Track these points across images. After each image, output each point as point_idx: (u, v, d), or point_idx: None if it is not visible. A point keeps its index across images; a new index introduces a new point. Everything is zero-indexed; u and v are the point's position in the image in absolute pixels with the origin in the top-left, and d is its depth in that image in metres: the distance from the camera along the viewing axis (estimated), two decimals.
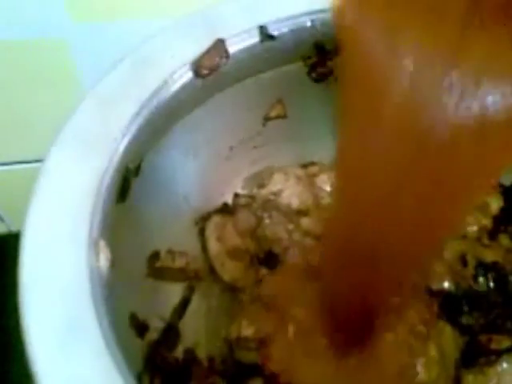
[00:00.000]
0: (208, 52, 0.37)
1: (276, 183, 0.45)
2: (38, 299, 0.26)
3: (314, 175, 0.46)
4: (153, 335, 0.37)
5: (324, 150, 0.48)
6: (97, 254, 0.28)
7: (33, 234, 0.28)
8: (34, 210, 0.29)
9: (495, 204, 0.46)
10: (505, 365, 0.36)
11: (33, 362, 0.24)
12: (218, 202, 0.45)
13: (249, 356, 0.37)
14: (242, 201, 0.45)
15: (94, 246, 0.28)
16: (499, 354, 0.37)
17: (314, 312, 0.37)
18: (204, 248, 0.43)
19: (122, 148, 0.33)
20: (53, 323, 0.25)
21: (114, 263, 0.31)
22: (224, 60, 0.38)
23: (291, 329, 0.37)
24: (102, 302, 0.27)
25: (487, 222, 0.45)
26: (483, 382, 0.37)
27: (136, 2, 0.48)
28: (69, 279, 0.27)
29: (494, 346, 0.37)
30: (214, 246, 0.42)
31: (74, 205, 0.29)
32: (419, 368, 0.36)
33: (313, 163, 0.48)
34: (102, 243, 0.29)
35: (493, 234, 0.44)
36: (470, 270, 0.43)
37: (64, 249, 0.28)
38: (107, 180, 0.31)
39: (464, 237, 0.44)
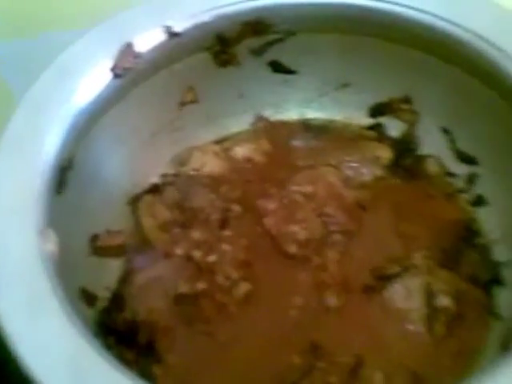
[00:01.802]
0: (121, 55, 0.43)
1: (196, 160, 0.51)
2: (2, 284, 0.32)
3: (228, 149, 0.53)
4: (102, 304, 0.44)
5: (235, 126, 0.55)
6: (45, 240, 0.34)
7: None
8: None
9: (386, 155, 0.53)
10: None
11: (6, 332, 0.30)
12: (147, 183, 0.51)
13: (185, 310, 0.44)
14: (168, 179, 0.51)
15: (42, 234, 0.34)
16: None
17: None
18: (138, 225, 0.49)
19: (54, 146, 0.39)
20: (18, 299, 0.31)
21: (61, 246, 0.37)
22: (136, 59, 0.44)
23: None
24: (56, 279, 0.33)
25: (380, 171, 0.52)
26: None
27: (56, 16, 0.52)
28: (25, 263, 0.33)
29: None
30: (146, 222, 0.48)
31: (19, 200, 0.35)
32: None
33: (226, 139, 0.55)
34: (49, 230, 0.35)
35: (385, 180, 0.52)
36: None
37: (17, 238, 0.34)
38: (45, 175, 0.37)
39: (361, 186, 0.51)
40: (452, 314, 0.44)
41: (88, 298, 0.41)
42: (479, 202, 0.51)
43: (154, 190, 0.51)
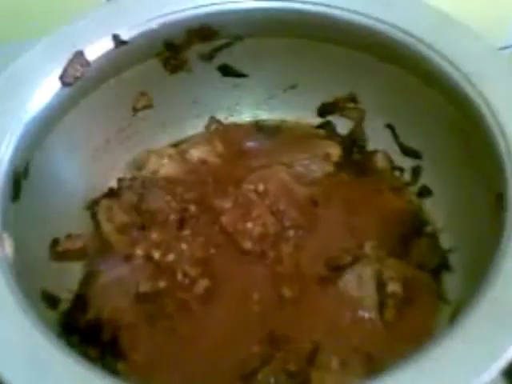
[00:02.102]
0: (70, 63, 0.44)
1: (152, 164, 0.53)
2: None
3: (184, 151, 0.54)
4: (65, 306, 0.44)
5: (190, 130, 0.57)
6: (1, 244, 0.35)
7: None
8: None
9: (336, 152, 0.56)
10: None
11: None
12: (105, 188, 0.52)
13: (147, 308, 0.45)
14: (125, 183, 0.53)
15: None
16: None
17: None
18: (97, 229, 0.50)
19: (7, 155, 0.40)
20: None
21: (18, 251, 0.38)
22: (85, 68, 0.45)
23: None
24: (13, 282, 0.34)
25: (330, 168, 0.54)
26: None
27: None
28: None
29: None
30: (105, 225, 0.49)
31: None
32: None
33: (182, 141, 0.56)
34: (5, 235, 0.36)
35: (335, 176, 0.54)
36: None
37: None
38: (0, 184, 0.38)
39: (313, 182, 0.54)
40: (401, 299, 0.46)
41: (50, 300, 0.42)
42: (424, 193, 0.53)
43: (112, 194, 0.52)
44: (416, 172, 0.54)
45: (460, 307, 0.44)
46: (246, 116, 0.59)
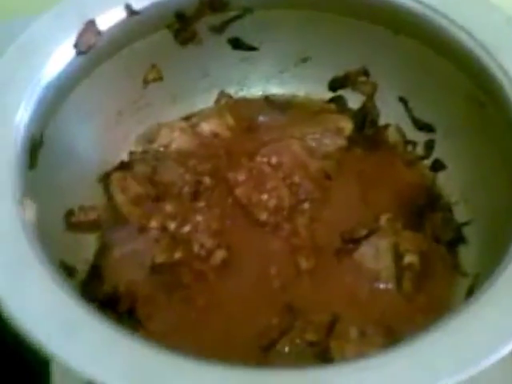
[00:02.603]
0: (83, 32, 0.44)
1: (164, 137, 0.52)
2: None
3: (196, 124, 0.54)
4: (81, 276, 0.44)
5: (200, 103, 0.56)
6: (24, 209, 0.34)
7: None
8: None
9: (348, 127, 0.55)
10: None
11: None
12: (116, 161, 0.52)
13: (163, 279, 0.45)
14: (137, 156, 0.52)
15: (20, 203, 0.34)
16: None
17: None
18: (111, 201, 0.49)
19: (23, 124, 0.39)
20: (3, 266, 0.32)
21: (38, 220, 0.37)
22: (97, 37, 0.45)
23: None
24: (37, 245, 0.34)
25: (342, 142, 0.54)
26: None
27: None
28: (5, 231, 0.33)
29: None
30: (119, 197, 0.49)
31: None
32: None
33: (193, 115, 0.55)
34: (27, 200, 0.35)
35: (348, 150, 0.54)
36: None
37: None
38: (17, 151, 0.37)
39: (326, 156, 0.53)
40: (418, 271, 0.46)
41: (67, 270, 0.41)
42: (438, 167, 0.53)
43: (123, 166, 0.51)
44: (429, 146, 0.54)
45: (477, 279, 0.44)
46: (256, 90, 0.59)
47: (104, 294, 0.44)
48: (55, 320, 0.30)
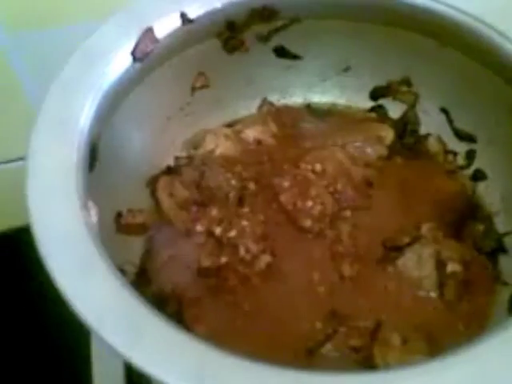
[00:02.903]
0: (141, 39, 0.45)
1: (209, 143, 0.53)
2: (55, 250, 0.34)
3: (240, 131, 0.55)
4: (129, 278, 0.45)
5: (244, 110, 0.57)
6: (88, 211, 0.36)
7: (36, 205, 0.35)
8: (31, 185, 0.36)
9: (389, 136, 0.56)
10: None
11: (63, 292, 0.32)
12: (163, 166, 0.53)
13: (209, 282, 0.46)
14: (182, 161, 0.53)
15: (85, 206, 0.36)
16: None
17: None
18: (157, 204, 0.50)
19: (86, 128, 0.40)
20: (69, 264, 0.33)
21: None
22: (154, 45, 0.46)
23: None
24: (101, 247, 0.35)
25: (383, 150, 0.55)
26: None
27: (66, 9, 0.54)
28: (73, 232, 0.34)
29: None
30: (165, 201, 0.50)
31: (60, 175, 0.37)
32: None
33: (236, 121, 0.57)
34: (91, 203, 0.37)
35: (389, 159, 0.55)
36: None
37: (63, 210, 0.35)
38: (81, 154, 0.39)
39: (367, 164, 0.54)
40: (461, 280, 0.46)
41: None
42: (478, 176, 0.54)
43: (170, 171, 0.52)
44: (470, 156, 0.54)
45: None
46: (297, 98, 0.60)
47: (151, 296, 0.45)
48: (123, 320, 0.31)
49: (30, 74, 0.60)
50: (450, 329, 0.44)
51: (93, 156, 0.41)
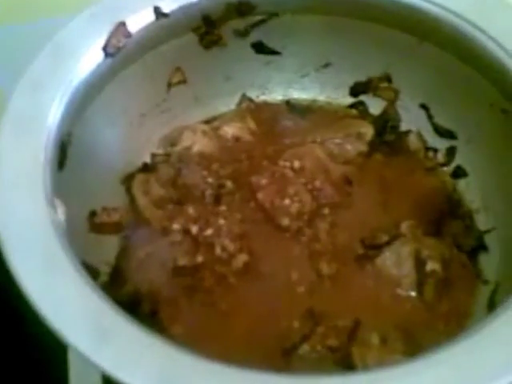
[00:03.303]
0: (113, 34, 0.44)
1: (186, 139, 0.52)
2: (18, 249, 0.33)
3: (218, 128, 0.54)
4: (104, 278, 0.44)
5: (222, 106, 0.56)
6: (55, 209, 0.35)
7: (1, 202, 0.34)
8: None
9: (369, 132, 0.55)
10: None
11: (25, 292, 0.31)
12: (139, 163, 0.52)
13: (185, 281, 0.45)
14: (159, 159, 0.52)
15: (51, 203, 0.35)
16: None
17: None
18: (133, 202, 0.49)
19: (55, 125, 0.39)
20: (34, 262, 0.32)
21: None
22: (127, 39, 0.45)
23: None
24: (67, 246, 0.34)
25: (363, 147, 0.54)
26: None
27: (39, 2, 0.53)
28: (38, 230, 0.33)
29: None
30: (141, 199, 0.49)
31: (26, 173, 0.36)
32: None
33: (214, 118, 0.56)
34: (57, 200, 0.36)
35: (369, 155, 0.54)
36: None
37: (28, 208, 0.34)
38: (49, 149, 0.38)
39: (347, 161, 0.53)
40: (440, 278, 0.46)
41: (90, 271, 0.41)
42: (459, 174, 0.53)
43: (146, 168, 0.51)
44: (450, 153, 0.54)
45: (498, 287, 0.44)
46: (277, 94, 0.59)
47: (126, 296, 0.44)
48: (88, 322, 0.30)
49: (1, 69, 0.59)
50: (429, 328, 0.44)
51: (62, 153, 0.40)
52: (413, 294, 0.45)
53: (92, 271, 0.42)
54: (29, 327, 0.35)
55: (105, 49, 0.44)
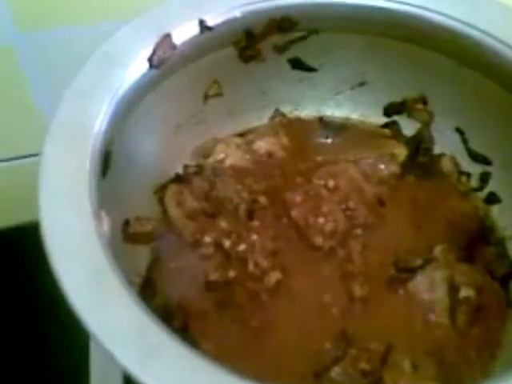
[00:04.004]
0: (158, 45, 0.44)
1: (219, 152, 0.52)
2: (65, 262, 0.32)
3: (251, 142, 0.54)
4: (135, 289, 0.44)
5: (256, 120, 0.56)
6: (100, 222, 0.35)
7: (48, 212, 0.34)
8: (43, 191, 0.35)
9: (402, 153, 0.55)
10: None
11: (75, 308, 0.31)
12: (171, 173, 0.52)
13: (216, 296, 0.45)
14: (191, 170, 0.52)
15: (97, 215, 0.35)
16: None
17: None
18: (165, 213, 0.49)
19: (100, 134, 0.39)
20: (82, 277, 0.32)
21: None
22: (172, 51, 0.45)
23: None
24: (113, 259, 0.34)
25: (396, 168, 0.54)
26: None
27: (76, 10, 0.53)
28: (85, 243, 0.33)
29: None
30: (173, 210, 0.49)
31: (73, 182, 0.35)
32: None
33: (249, 131, 0.56)
34: (103, 212, 0.36)
35: (401, 177, 0.54)
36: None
37: (75, 219, 0.34)
38: (94, 161, 0.38)
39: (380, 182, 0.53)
40: (474, 306, 0.45)
41: None
42: (492, 199, 0.53)
43: (178, 179, 0.51)
44: (484, 178, 0.54)
45: None
46: (310, 111, 0.59)
47: (156, 309, 0.44)
48: (136, 340, 0.30)
49: (38, 75, 0.59)
50: (461, 356, 0.43)
51: (106, 162, 0.40)
52: (445, 320, 0.45)
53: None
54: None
55: (150, 60, 0.44)
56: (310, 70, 0.56)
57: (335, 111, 0.59)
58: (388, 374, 0.41)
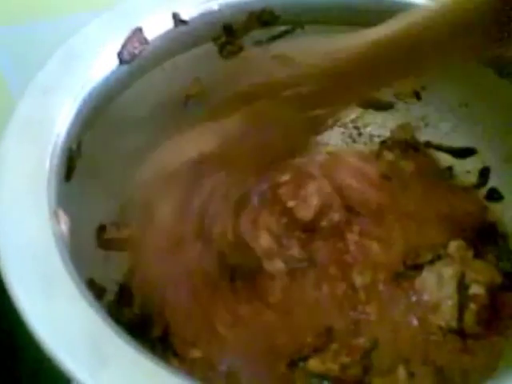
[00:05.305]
0: (129, 40, 0.42)
1: None
2: (17, 262, 0.30)
3: None
4: (110, 297, 0.42)
5: None
6: (58, 221, 0.32)
7: (1, 210, 0.32)
8: None
9: None
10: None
11: (23, 313, 0.28)
12: None
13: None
14: None
15: (54, 215, 0.32)
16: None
17: None
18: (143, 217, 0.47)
19: (63, 132, 0.37)
20: (32, 280, 0.30)
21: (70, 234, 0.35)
22: (143, 46, 0.43)
23: None
24: (68, 261, 0.31)
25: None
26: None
27: (45, 2, 0.51)
28: (38, 243, 0.31)
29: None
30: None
31: (30, 182, 0.33)
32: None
33: None
34: (61, 211, 0.33)
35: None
36: None
37: (30, 218, 0.32)
38: (55, 160, 0.35)
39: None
40: (483, 305, 0.42)
41: (96, 289, 0.39)
42: (494, 196, 0.50)
43: None
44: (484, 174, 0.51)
45: None
46: None
47: (134, 317, 0.41)
48: (87, 347, 0.27)
49: (14, 70, 0.57)
50: (458, 362, 0.40)
51: (70, 163, 0.38)
52: (451, 321, 0.42)
53: (98, 290, 0.40)
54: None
55: (120, 55, 0.41)
56: None
57: None
58: (379, 380, 0.38)
